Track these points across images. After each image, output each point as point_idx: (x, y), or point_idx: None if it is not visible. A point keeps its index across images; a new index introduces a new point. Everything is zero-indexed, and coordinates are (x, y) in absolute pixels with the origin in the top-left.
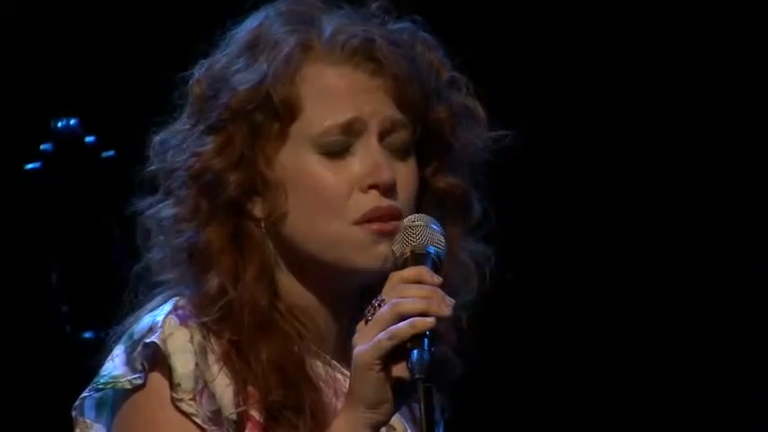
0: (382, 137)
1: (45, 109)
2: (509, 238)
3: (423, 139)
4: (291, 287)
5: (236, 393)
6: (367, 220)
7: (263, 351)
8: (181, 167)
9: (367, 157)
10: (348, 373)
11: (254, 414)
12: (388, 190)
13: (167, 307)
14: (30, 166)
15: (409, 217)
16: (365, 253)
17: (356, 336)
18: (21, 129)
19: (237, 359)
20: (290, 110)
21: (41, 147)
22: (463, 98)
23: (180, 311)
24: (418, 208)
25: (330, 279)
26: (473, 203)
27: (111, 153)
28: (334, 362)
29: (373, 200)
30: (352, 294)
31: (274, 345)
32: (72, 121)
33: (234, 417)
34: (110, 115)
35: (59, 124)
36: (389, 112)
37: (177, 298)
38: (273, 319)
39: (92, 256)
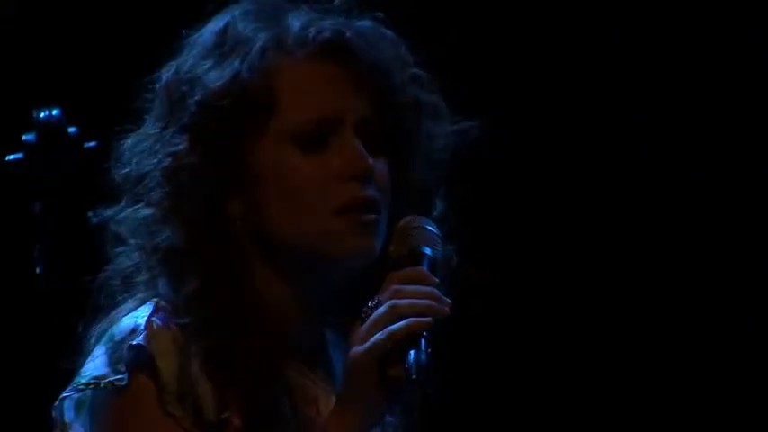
0: (357, 130)
1: (27, 99)
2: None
3: (389, 135)
4: (268, 288)
5: (217, 397)
6: (346, 210)
7: (243, 354)
8: (153, 170)
9: (345, 149)
10: (315, 379)
11: (235, 420)
12: (367, 180)
13: (148, 309)
14: (11, 156)
15: (406, 218)
16: (344, 244)
17: (352, 336)
18: (2, 119)
19: (217, 362)
20: (264, 105)
21: (23, 137)
22: (427, 94)
23: (161, 314)
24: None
25: (308, 276)
26: (436, 200)
27: (93, 144)
28: (304, 368)
29: (352, 190)
30: (328, 297)
31: (253, 348)
32: (54, 112)
33: (214, 421)
34: (91, 106)
35: (42, 114)
36: (363, 105)
37: (157, 300)
38: (252, 322)
39: (76, 246)
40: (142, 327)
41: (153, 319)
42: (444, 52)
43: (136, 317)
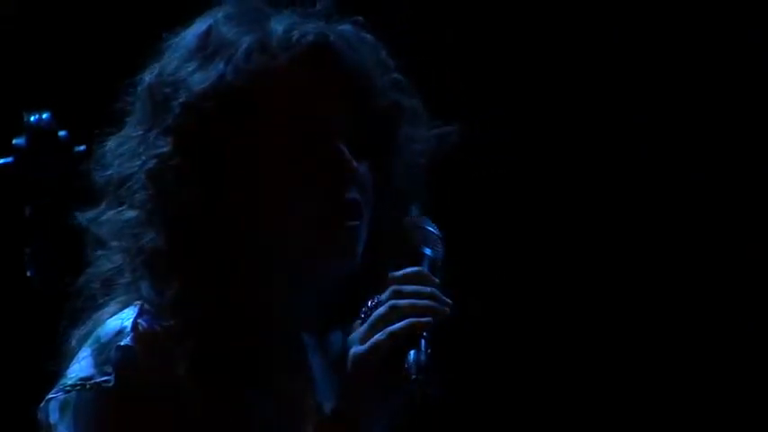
0: (342, 134)
1: (17, 103)
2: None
3: (370, 139)
4: (253, 291)
5: (202, 398)
6: (331, 214)
7: (228, 355)
8: (137, 172)
9: (330, 153)
10: (297, 381)
11: (219, 420)
12: (352, 183)
13: (133, 311)
14: (1, 160)
15: (407, 218)
16: (328, 249)
17: (351, 336)
18: None
19: (203, 364)
20: (249, 107)
21: (14, 141)
22: (407, 99)
23: (146, 316)
24: None
25: (291, 279)
26: (412, 205)
27: (83, 147)
28: (286, 370)
29: (337, 194)
30: (311, 299)
31: (238, 349)
32: (45, 115)
33: (200, 422)
34: (82, 109)
35: (32, 118)
36: (347, 109)
37: (141, 302)
38: (237, 324)
39: (67, 248)
40: (129, 328)
41: (139, 321)
42: (443, 53)
43: (121, 319)
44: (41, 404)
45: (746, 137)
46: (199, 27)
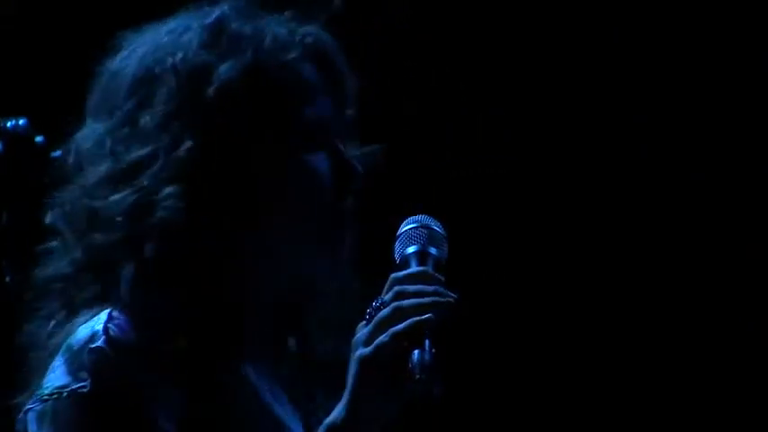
0: (342, 136)
1: None
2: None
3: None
4: (241, 293)
5: (177, 402)
6: (339, 217)
7: (213, 357)
8: (149, 159)
9: (338, 154)
10: (270, 385)
11: (194, 424)
12: (354, 188)
13: (103, 317)
14: None
15: (411, 218)
16: (324, 255)
17: (356, 337)
18: None
19: (178, 368)
20: (274, 102)
21: None
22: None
23: (116, 321)
24: None
25: (279, 283)
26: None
27: (59, 153)
28: (258, 373)
29: (341, 199)
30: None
31: (215, 354)
32: (21, 121)
33: (174, 425)
34: (59, 115)
35: (8, 124)
36: (339, 111)
37: (110, 309)
38: (216, 328)
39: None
40: (100, 332)
41: (109, 325)
42: (442, 53)
43: (92, 326)
44: (19, 416)
45: (746, 137)
46: (203, 19)
